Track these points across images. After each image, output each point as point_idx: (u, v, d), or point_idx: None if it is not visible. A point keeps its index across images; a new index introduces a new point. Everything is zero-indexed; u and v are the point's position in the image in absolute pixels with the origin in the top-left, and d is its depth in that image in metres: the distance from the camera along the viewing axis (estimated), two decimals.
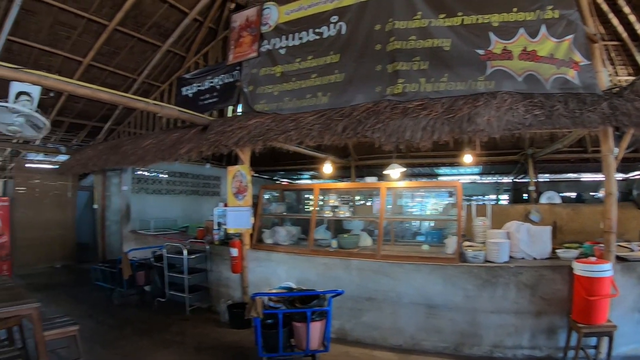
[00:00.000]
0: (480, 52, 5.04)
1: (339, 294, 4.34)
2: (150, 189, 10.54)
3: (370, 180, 7.53)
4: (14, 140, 9.75)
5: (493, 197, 14.18)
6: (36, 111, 4.76)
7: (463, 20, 5.18)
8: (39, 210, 10.42)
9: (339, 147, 7.70)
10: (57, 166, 10.96)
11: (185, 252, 6.42)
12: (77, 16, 7.17)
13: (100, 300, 7.34)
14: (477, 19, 5.11)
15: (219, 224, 6.99)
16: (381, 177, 9.30)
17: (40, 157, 11.53)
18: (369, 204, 8.91)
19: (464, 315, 4.62)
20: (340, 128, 5.30)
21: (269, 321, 4.36)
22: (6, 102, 4.57)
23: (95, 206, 11.08)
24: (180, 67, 9.25)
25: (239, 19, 7.31)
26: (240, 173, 6.33)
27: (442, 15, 5.28)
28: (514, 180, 11.96)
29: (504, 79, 4.89)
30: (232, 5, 8.02)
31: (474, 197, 13.60)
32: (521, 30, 4.89)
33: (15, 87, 4.61)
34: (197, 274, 6.73)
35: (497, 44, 4.99)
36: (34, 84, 4.71)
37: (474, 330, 4.59)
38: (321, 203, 6.66)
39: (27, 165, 10.75)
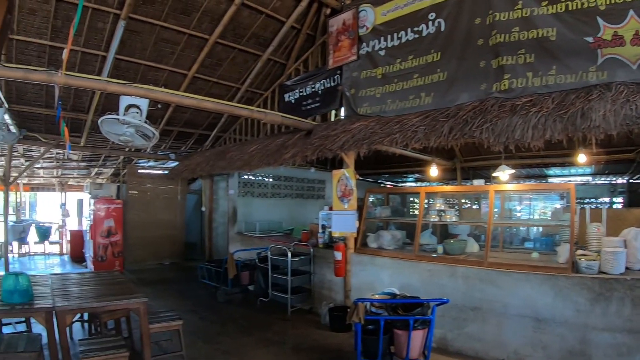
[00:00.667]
0: (589, 39, 4.84)
1: (444, 302, 4.43)
2: (256, 192, 11.43)
3: (477, 182, 7.43)
4: (127, 149, 11.38)
5: (606, 199, 13.16)
6: (145, 122, 5.37)
7: (567, 6, 5.00)
8: (150, 212, 12.05)
9: (444, 149, 7.72)
10: (167, 171, 12.61)
11: (289, 254, 6.93)
12: (178, 33, 8.02)
13: (204, 297, 8.23)
14: (583, 4, 4.90)
15: (324, 227, 7.44)
16: (488, 179, 9.16)
17: (151, 163, 13.41)
18: (475, 207, 8.87)
19: (574, 331, 4.53)
20: (446, 129, 5.41)
21: (370, 327, 4.52)
22: (117, 114, 5.23)
23: (203, 209, 12.40)
24: (282, 74, 9.88)
25: (335, 23, 7.74)
26: (345, 177, 6.71)
27: (545, 3, 5.15)
28: (630, 181, 10.97)
29: (617, 67, 4.65)
30: (328, 11, 8.36)
31: (586, 200, 12.88)
32: (630, 12, 4.57)
33: (124, 101, 5.26)
34: (300, 276, 7.25)
35: (606, 30, 4.74)
36: (142, 97, 5.35)
37: (582, 348, 4.47)
38: (426, 206, 6.77)
39: (139, 171, 12.47)
